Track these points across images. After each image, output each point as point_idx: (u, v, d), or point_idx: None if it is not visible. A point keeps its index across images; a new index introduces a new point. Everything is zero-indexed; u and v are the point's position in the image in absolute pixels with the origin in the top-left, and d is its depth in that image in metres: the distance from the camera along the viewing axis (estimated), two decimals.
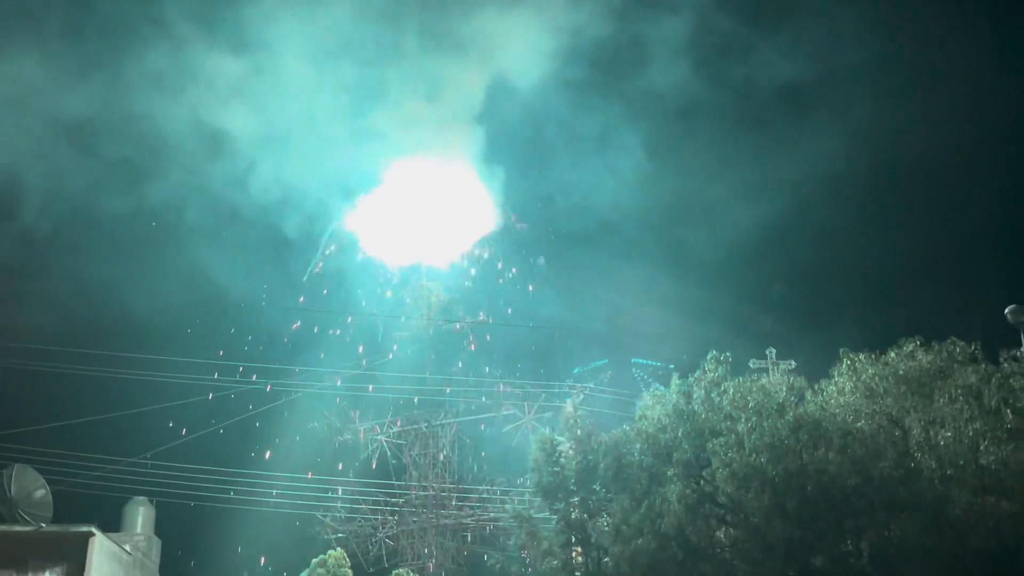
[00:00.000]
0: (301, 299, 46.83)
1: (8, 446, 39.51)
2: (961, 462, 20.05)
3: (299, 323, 45.83)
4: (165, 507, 44.36)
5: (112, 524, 42.45)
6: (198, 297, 53.21)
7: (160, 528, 45.45)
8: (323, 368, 43.47)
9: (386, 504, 40.57)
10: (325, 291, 46.76)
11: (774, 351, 35.41)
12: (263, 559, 39.66)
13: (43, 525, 38.22)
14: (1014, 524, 19.53)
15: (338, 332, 45.26)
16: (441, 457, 40.89)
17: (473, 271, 46.14)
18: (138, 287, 52.36)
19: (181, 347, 50.90)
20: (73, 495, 40.11)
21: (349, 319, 44.60)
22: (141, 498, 44.03)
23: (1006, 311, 25.79)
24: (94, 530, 38.23)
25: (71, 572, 37.78)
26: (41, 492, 39.72)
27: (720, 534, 22.73)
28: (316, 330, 46.03)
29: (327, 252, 46.89)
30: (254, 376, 42.36)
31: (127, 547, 42.00)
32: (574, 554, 25.61)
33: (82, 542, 37.83)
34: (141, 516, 44.53)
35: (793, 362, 34.70)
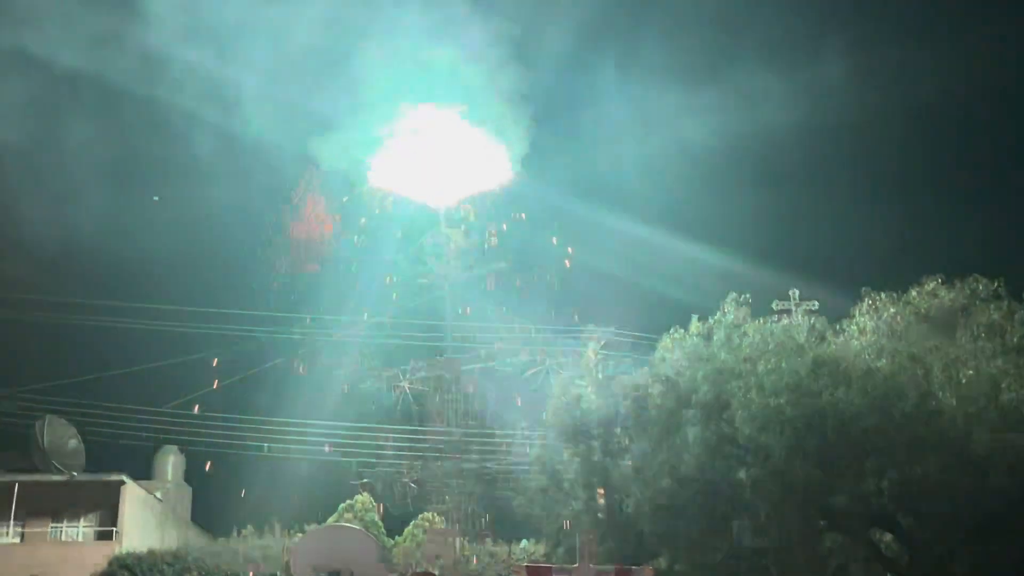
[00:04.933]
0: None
1: (40, 398, 40.06)
2: (982, 400, 19.94)
3: (321, 269, 45.85)
4: (194, 455, 44.99)
5: (143, 473, 43.23)
6: (218, 246, 53.35)
7: (190, 476, 46.24)
8: (345, 316, 43.62)
9: (410, 449, 40.97)
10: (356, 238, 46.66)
11: (797, 292, 35.08)
12: (291, 504, 40.23)
13: (75, 474, 39.02)
14: None
15: (358, 283, 45.35)
16: (463, 402, 41.15)
17: (499, 227, 45.89)
18: (165, 237, 52.52)
19: (205, 297, 51.32)
20: (104, 445, 40.70)
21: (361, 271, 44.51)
22: (171, 447, 44.67)
23: None
24: (125, 479, 38.98)
25: (104, 520, 38.63)
26: (73, 442, 40.46)
27: (741, 475, 22.77)
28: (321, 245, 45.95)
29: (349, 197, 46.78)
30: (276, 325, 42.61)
31: (158, 495, 42.83)
32: (596, 495, 25.83)
33: (114, 491, 38.64)
34: (171, 464, 45.32)
35: (816, 303, 34.39)
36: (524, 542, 35.75)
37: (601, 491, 25.78)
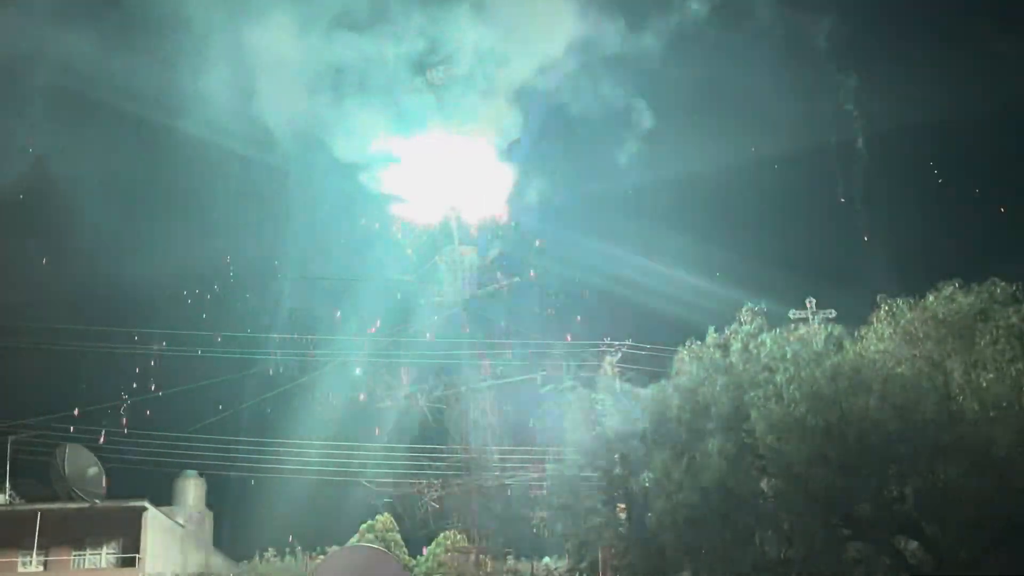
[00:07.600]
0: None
1: (60, 426, 40.27)
2: (1004, 403, 19.85)
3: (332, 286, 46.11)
4: (215, 479, 45.06)
5: (164, 499, 43.31)
6: (233, 269, 53.56)
7: (211, 500, 46.28)
8: (361, 336, 43.75)
9: (429, 468, 40.95)
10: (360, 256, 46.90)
11: (814, 301, 35.03)
12: (313, 526, 40.28)
13: (97, 501, 39.13)
14: None
15: (371, 296, 45.56)
16: (480, 420, 41.13)
17: (511, 244, 46.04)
18: (182, 261, 52.83)
19: (219, 321, 51.40)
20: (125, 472, 40.87)
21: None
22: (191, 472, 44.77)
23: None
24: (147, 505, 39.09)
25: (127, 547, 38.71)
26: (94, 470, 40.61)
27: (762, 485, 22.68)
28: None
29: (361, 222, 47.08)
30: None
31: (180, 520, 42.89)
32: (617, 510, 25.74)
33: (136, 517, 38.75)
34: (192, 490, 45.39)
35: (833, 311, 34.32)
36: (546, 559, 35.62)
37: (622, 505, 25.70)
